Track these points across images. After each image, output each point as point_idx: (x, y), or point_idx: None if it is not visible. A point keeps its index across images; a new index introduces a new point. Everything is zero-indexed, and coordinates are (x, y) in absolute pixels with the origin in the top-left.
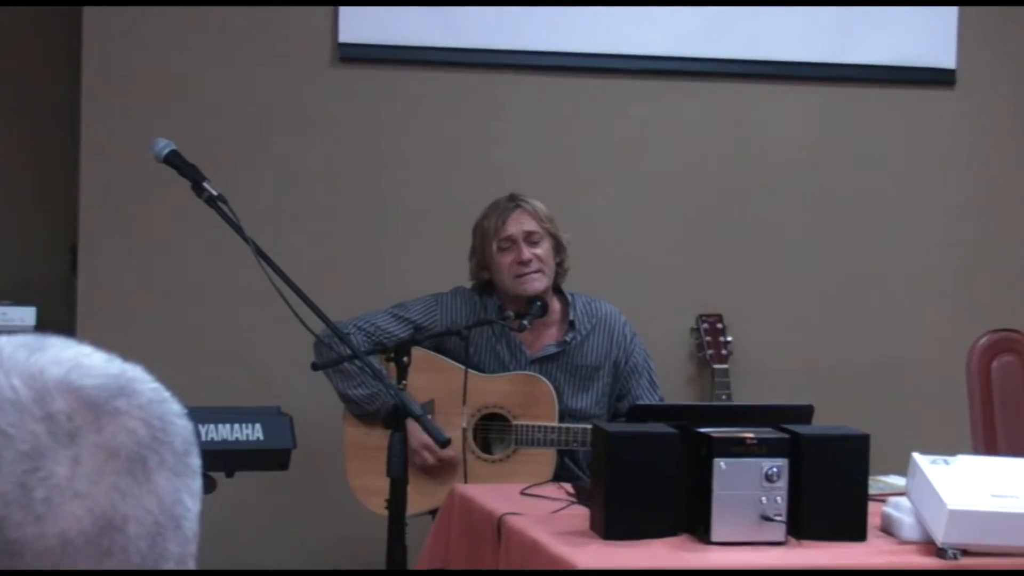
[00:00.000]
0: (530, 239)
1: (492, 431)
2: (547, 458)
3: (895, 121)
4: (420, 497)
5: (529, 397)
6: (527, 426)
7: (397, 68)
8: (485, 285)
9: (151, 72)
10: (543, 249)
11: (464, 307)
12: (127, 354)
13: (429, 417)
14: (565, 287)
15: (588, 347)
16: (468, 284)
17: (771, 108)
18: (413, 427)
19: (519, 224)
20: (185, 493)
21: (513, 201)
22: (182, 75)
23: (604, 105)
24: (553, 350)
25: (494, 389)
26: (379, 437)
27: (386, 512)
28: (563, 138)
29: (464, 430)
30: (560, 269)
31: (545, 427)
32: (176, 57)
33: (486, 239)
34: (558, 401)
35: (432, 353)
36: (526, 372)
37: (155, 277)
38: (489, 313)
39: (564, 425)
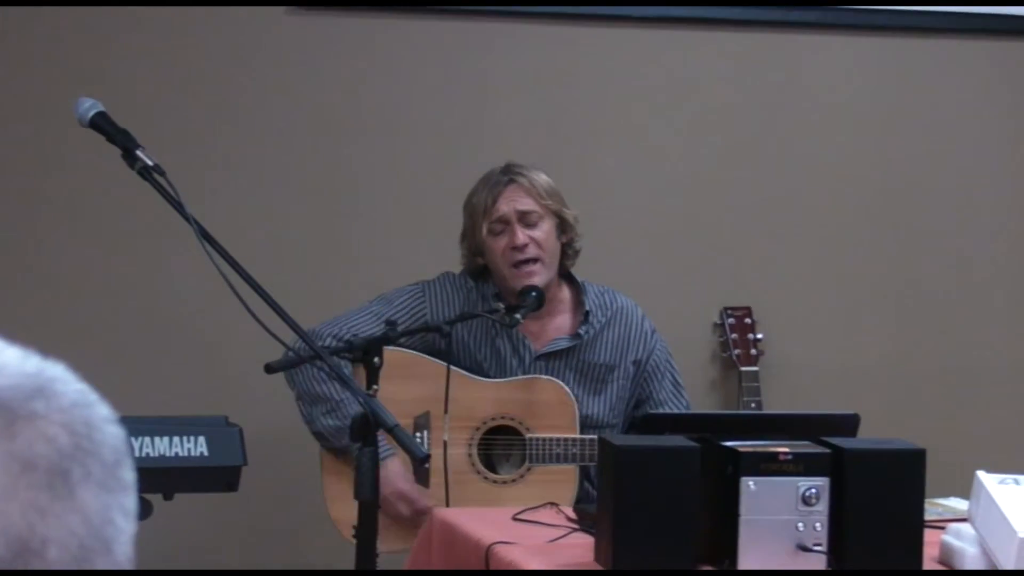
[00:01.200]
0: (526, 220)
1: (496, 447)
2: (568, 476)
3: (964, 79)
4: (399, 531)
5: (543, 405)
6: (543, 439)
7: (364, 14)
8: (481, 271)
9: (71, 24)
10: (542, 231)
11: (456, 296)
12: (42, 353)
13: (424, 434)
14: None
15: (601, 343)
16: (457, 269)
17: (814, 63)
18: (388, 470)
19: (512, 202)
20: (116, 511)
21: (507, 174)
22: (109, 24)
23: (613, 61)
24: (564, 344)
25: (500, 396)
26: None
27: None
28: (564, 100)
29: (445, 443)
30: (569, 250)
31: (565, 440)
32: (100, 7)
33: (476, 219)
34: (578, 409)
35: (422, 355)
36: (537, 376)
37: (77, 262)
38: (487, 302)
39: (588, 437)
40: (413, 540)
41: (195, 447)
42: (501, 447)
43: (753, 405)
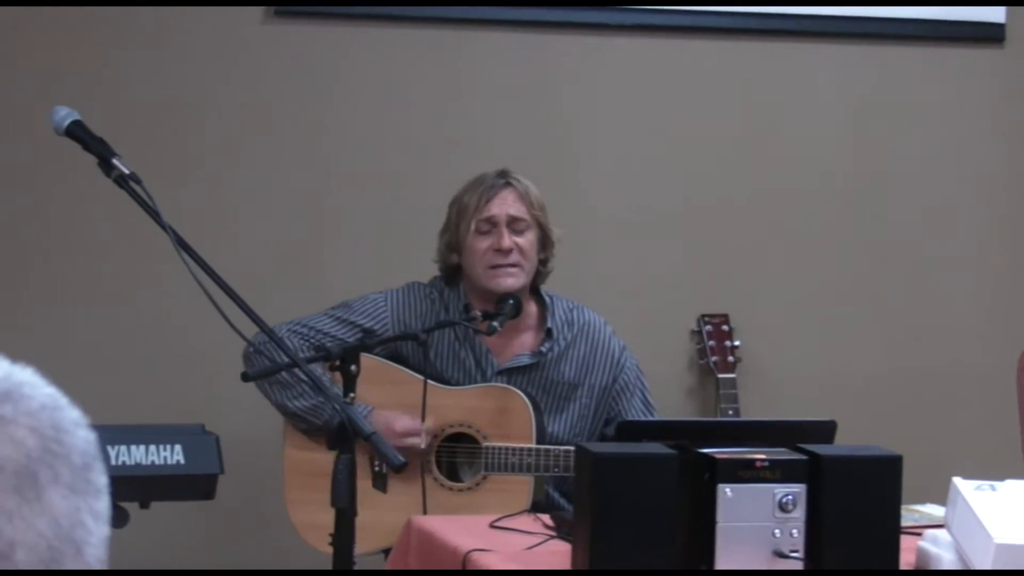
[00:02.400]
0: (515, 226)
1: (459, 454)
2: (523, 486)
3: (934, 86)
4: (372, 533)
5: (502, 414)
6: (499, 448)
7: (344, 23)
8: (452, 272)
9: (47, 29)
10: (527, 240)
11: (419, 306)
12: (12, 360)
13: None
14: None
15: (566, 361)
16: (425, 279)
17: (789, 71)
18: (383, 416)
19: (504, 206)
20: (86, 514)
21: (503, 178)
22: (86, 33)
23: (592, 69)
24: (526, 361)
25: (460, 404)
26: (326, 461)
27: (331, 549)
28: (543, 108)
29: (423, 452)
30: (543, 268)
31: (520, 449)
32: (77, 16)
33: (463, 216)
34: (535, 419)
35: (385, 362)
36: (497, 384)
37: (50, 268)
38: (451, 311)
39: (543, 447)
40: (388, 542)
41: (171, 455)
42: (464, 454)
43: (730, 412)
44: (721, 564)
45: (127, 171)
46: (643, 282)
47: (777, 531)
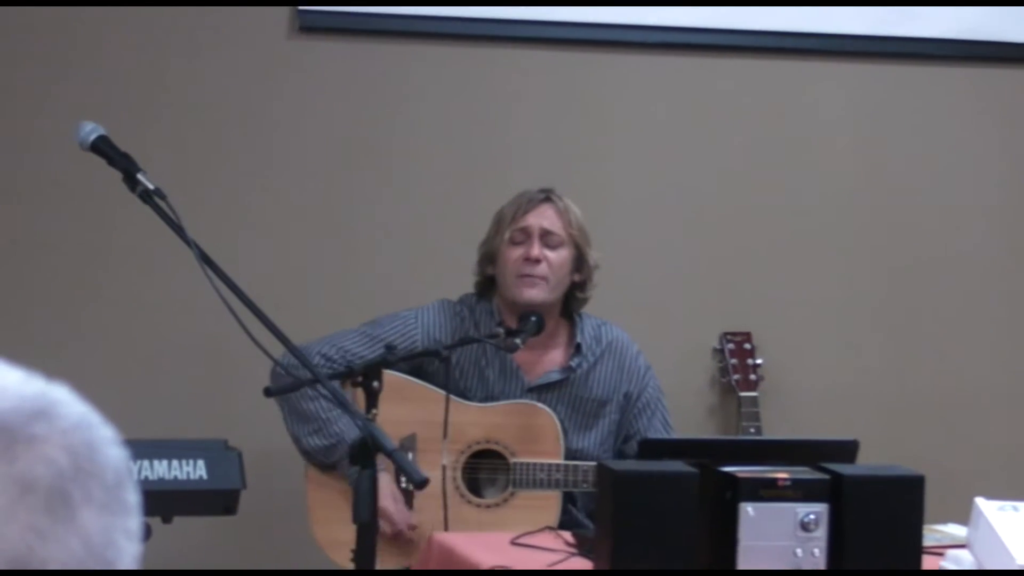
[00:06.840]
0: (547, 240)
1: (482, 471)
2: (551, 502)
3: (957, 106)
4: (395, 553)
5: (528, 430)
6: (527, 464)
7: (369, 40)
8: (487, 284)
9: (73, 46)
10: (558, 256)
11: (449, 323)
12: (44, 376)
13: (408, 455)
14: None
15: (595, 377)
16: (452, 297)
17: (812, 90)
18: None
19: (541, 219)
20: (118, 533)
21: (544, 193)
22: (111, 51)
23: (612, 86)
24: (556, 377)
25: (485, 421)
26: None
27: (354, 566)
28: (565, 126)
29: (444, 468)
30: (578, 292)
31: (549, 465)
32: (104, 31)
33: (500, 226)
34: (563, 435)
35: (411, 379)
36: (523, 401)
37: (74, 283)
38: (481, 327)
39: (572, 463)
40: (408, 559)
41: (194, 470)
42: (486, 471)
43: (752, 431)
44: None
45: (151, 186)
46: (665, 300)
47: (799, 550)
